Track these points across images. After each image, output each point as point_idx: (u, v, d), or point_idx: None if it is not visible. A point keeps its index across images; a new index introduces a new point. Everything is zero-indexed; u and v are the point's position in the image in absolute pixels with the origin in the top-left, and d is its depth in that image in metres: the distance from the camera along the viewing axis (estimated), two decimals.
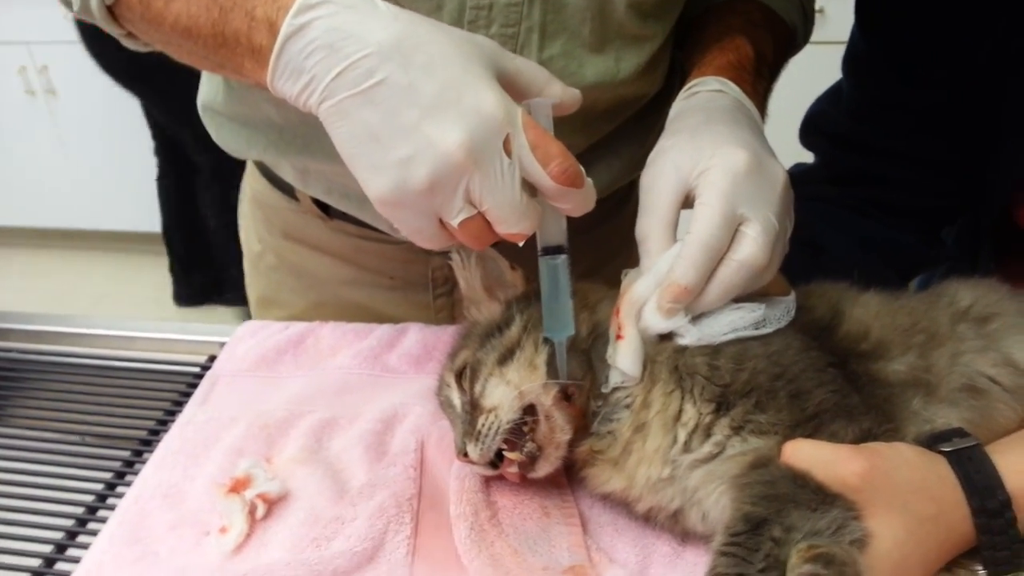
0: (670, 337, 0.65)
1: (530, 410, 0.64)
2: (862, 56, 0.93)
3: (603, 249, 0.93)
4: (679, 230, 0.66)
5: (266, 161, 0.97)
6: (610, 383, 0.65)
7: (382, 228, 0.93)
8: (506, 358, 0.66)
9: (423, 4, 0.73)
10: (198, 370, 0.93)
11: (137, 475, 0.75)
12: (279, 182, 0.99)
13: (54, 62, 3.59)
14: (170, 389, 0.91)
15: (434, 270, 0.99)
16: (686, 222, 0.65)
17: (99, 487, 0.78)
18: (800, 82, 0.99)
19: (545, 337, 0.65)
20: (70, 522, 0.74)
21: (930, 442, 0.59)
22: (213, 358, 0.93)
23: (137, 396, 0.91)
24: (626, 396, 0.64)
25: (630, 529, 0.67)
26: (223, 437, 0.77)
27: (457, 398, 0.69)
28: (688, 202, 0.65)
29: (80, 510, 0.75)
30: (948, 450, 0.58)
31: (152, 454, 0.77)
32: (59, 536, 0.72)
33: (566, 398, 0.65)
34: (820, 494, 0.55)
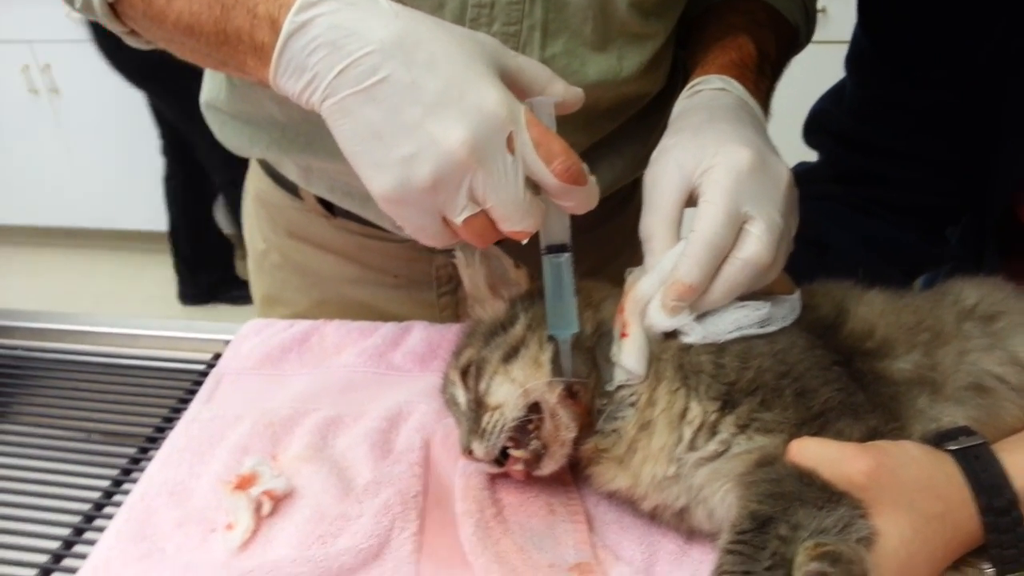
0: (675, 335, 0.65)
1: (535, 408, 0.64)
2: (865, 55, 0.92)
3: (606, 248, 0.93)
4: (683, 229, 0.66)
5: (269, 159, 0.98)
6: (615, 381, 0.65)
7: (386, 226, 0.93)
8: (511, 356, 0.66)
9: (425, 2, 0.73)
10: (203, 368, 0.93)
11: (143, 472, 0.75)
12: (283, 180, 0.99)
13: (57, 61, 3.60)
14: (175, 387, 0.92)
15: (438, 268, 0.99)
16: (690, 221, 0.65)
17: (105, 484, 0.78)
18: (802, 82, 0.99)
19: (549, 335, 0.65)
20: (77, 519, 0.74)
21: (936, 440, 0.59)
22: (218, 356, 0.93)
23: (143, 394, 0.92)
24: (631, 394, 0.64)
25: (636, 527, 0.67)
26: (228, 435, 0.77)
27: (462, 396, 0.69)
28: (692, 200, 0.65)
29: (87, 507, 0.76)
30: (955, 448, 0.58)
31: (158, 451, 0.77)
32: (66, 533, 0.73)
33: (571, 396, 0.65)
34: (826, 492, 0.55)
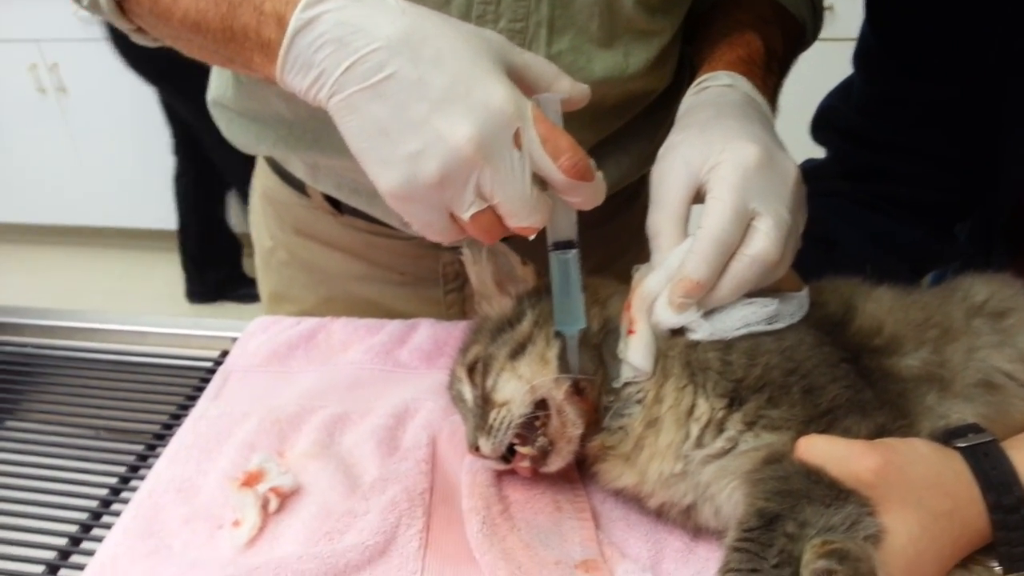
0: (682, 332, 0.64)
1: (542, 404, 0.64)
2: (872, 51, 0.92)
3: (613, 245, 0.93)
4: (690, 225, 0.66)
5: (276, 157, 0.98)
6: (622, 378, 0.64)
7: (393, 223, 0.93)
8: (518, 352, 0.66)
9: None
10: (211, 365, 0.94)
11: (151, 469, 0.75)
12: (290, 178, 0.99)
13: (64, 60, 3.61)
14: (183, 384, 0.92)
15: (445, 265, 0.99)
16: (697, 217, 0.64)
17: (113, 481, 0.79)
18: (809, 79, 0.99)
19: (556, 331, 0.65)
20: (84, 515, 0.75)
21: (945, 438, 0.59)
22: (225, 353, 0.93)
23: (150, 391, 0.92)
24: (638, 391, 0.64)
25: (642, 524, 0.67)
26: (236, 432, 0.77)
27: (469, 392, 0.69)
28: (699, 197, 0.65)
29: (94, 504, 0.76)
30: (963, 446, 0.58)
31: (165, 448, 0.77)
32: (73, 529, 0.73)
33: (578, 392, 0.65)
34: (834, 490, 0.55)
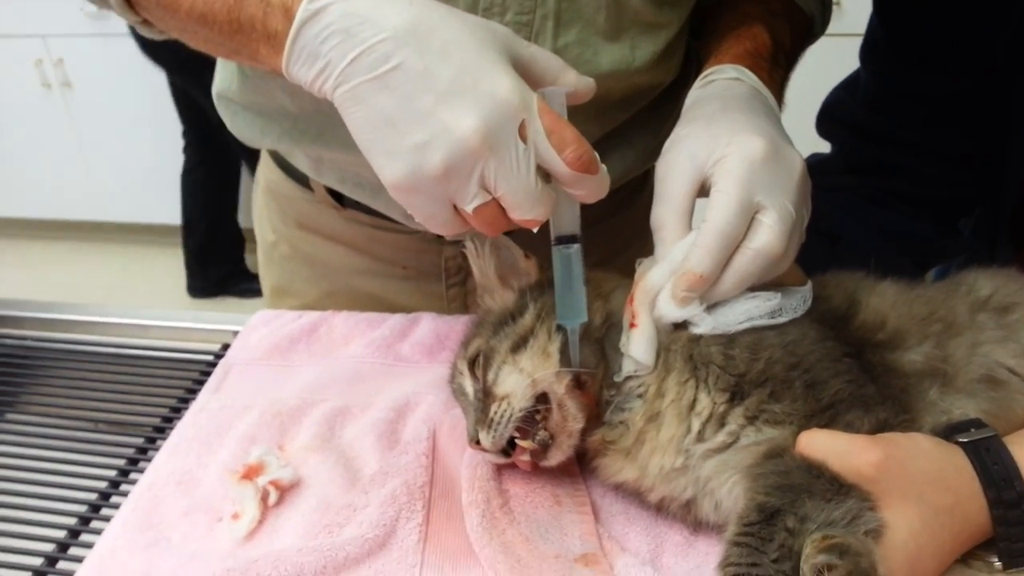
0: (684, 326, 0.64)
1: (543, 398, 0.64)
2: (879, 45, 0.92)
3: (616, 239, 0.93)
4: (695, 219, 0.65)
5: (280, 150, 0.98)
6: (623, 372, 0.64)
7: (396, 217, 0.93)
8: (519, 346, 0.66)
9: None
10: (212, 358, 0.94)
11: (150, 462, 0.75)
12: (293, 172, 0.99)
13: (70, 55, 3.62)
14: (184, 377, 0.92)
15: (447, 259, 0.99)
16: (702, 211, 0.64)
17: (113, 474, 0.79)
18: (816, 74, 0.99)
19: (558, 325, 0.65)
20: (83, 508, 0.75)
21: (947, 432, 0.59)
22: (227, 346, 0.93)
23: (151, 384, 0.92)
24: (639, 385, 0.64)
25: (642, 518, 0.66)
26: (236, 425, 0.77)
27: (470, 386, 0.69)
28: (704, 191, 0.65)
29: (93, 496, 0.76)
30: (965, 441, 0.58)
31: (166, 441, 0.77)
32: (72, 522, 0.73)
33: (579, 386, 0.64)
34: (835, 484, 0.55)
